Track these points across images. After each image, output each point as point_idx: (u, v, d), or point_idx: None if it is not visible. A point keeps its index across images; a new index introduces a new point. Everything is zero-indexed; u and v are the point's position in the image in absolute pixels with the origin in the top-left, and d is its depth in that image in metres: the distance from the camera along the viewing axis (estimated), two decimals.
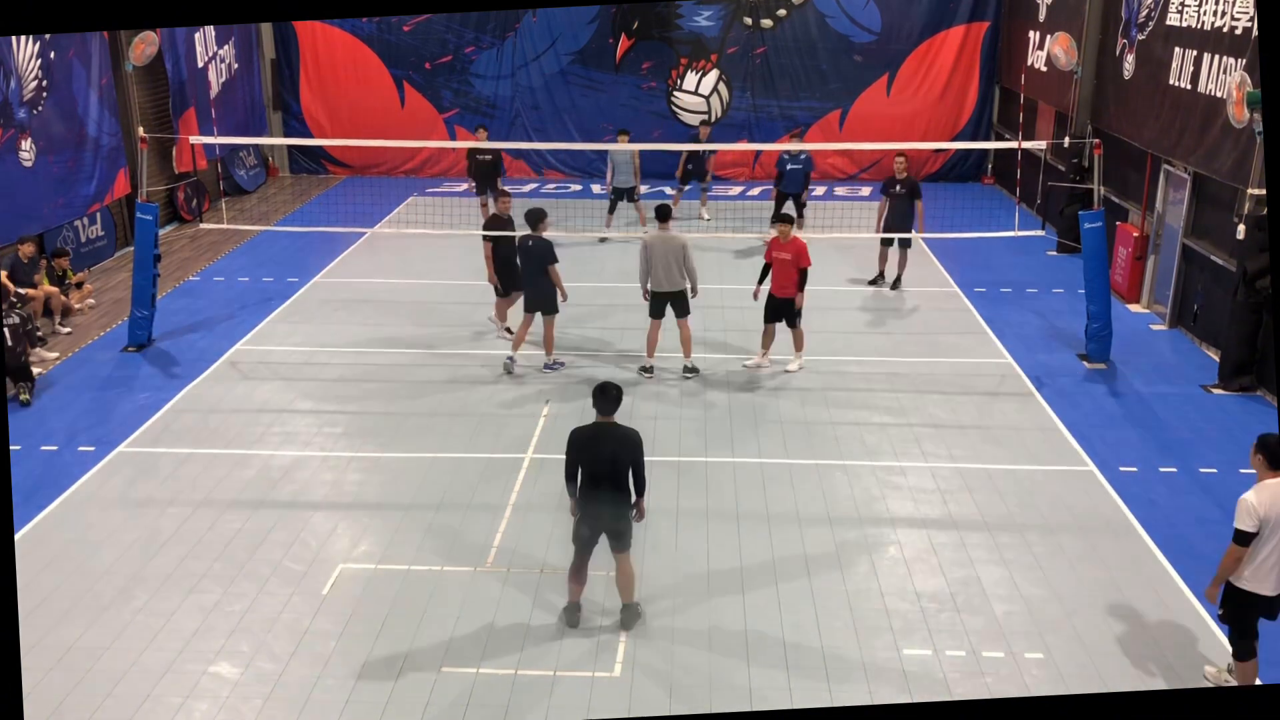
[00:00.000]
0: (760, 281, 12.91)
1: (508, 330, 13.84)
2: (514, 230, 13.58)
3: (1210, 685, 7.53)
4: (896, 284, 16.00)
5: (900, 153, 16.36)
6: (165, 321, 14.38)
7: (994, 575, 8.72)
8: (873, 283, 16.18)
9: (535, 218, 12.55)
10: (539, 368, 12.90)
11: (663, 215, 12.60)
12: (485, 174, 18.32)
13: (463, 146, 19.61)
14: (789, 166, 17.72)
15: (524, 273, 12.72)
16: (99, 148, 17.15)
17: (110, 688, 7.33)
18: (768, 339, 13.00)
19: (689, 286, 12.53)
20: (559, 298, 12.66)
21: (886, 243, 16.04)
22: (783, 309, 12.78)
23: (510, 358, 12.81)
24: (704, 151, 19.33)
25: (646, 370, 12.75)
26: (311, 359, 13.27)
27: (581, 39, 23.25)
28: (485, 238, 13.62)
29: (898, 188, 15.75)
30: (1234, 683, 7.39)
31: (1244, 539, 6.78)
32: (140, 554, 8.95)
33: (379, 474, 10.39)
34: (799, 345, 12.95)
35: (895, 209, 15.77)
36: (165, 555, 8.94)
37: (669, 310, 12.57)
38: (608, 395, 7.79)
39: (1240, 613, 7.04)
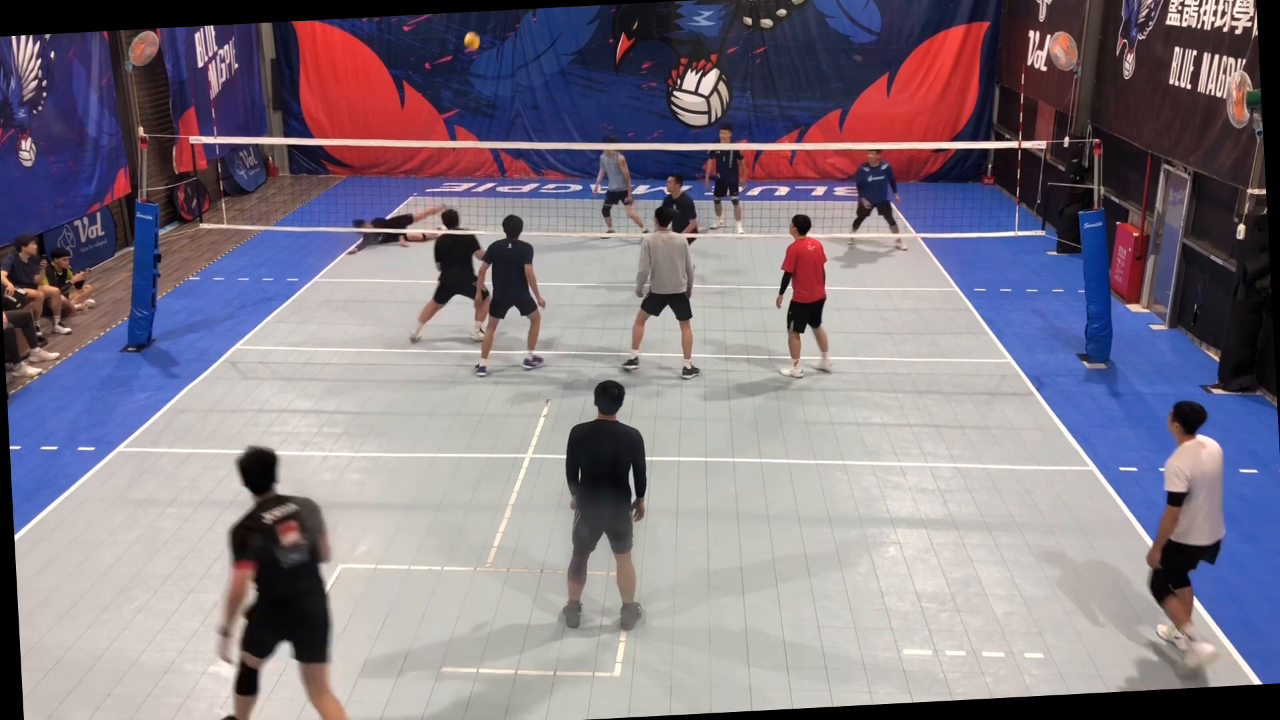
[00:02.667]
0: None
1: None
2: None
3: (1162, 638, 7.89)
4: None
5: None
6: (165, 321, 14.38)
7: (994, 575, 8.72)
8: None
9: (516, 226, 12.50)
10: (519, 364, 12.91)
11: (663, 218, 12.57)
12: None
13: (460, 147, 19.59)
14: (870, 178, 17.61)
15: (502, 277, 12.56)
16: (99, 148, 17.15)
17: (110, 688, 7.34)
18: (805, 343, 12.96)
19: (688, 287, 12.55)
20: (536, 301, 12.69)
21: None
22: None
23: (480, 366, 12.80)
24: (732, 158, 18.58)
25: (632, 363, 12.77)
26: (311, 359, 13.27)
27: (581, 39, 23.26)
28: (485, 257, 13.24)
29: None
30: (1186, 639, 7.56)
31: (1177, 499, 7.36)
32: (140, 554, 8.96)
33: (379, 474, 10.39)
34: (792, 353, 12.85)
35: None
36: (165, 555, 8.95)
37: (666, 311, 12.57)
38: (609, 394, 7.75)
39: (1178, 563, 7.55)
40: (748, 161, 23.51)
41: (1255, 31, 12.12)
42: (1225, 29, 12.86)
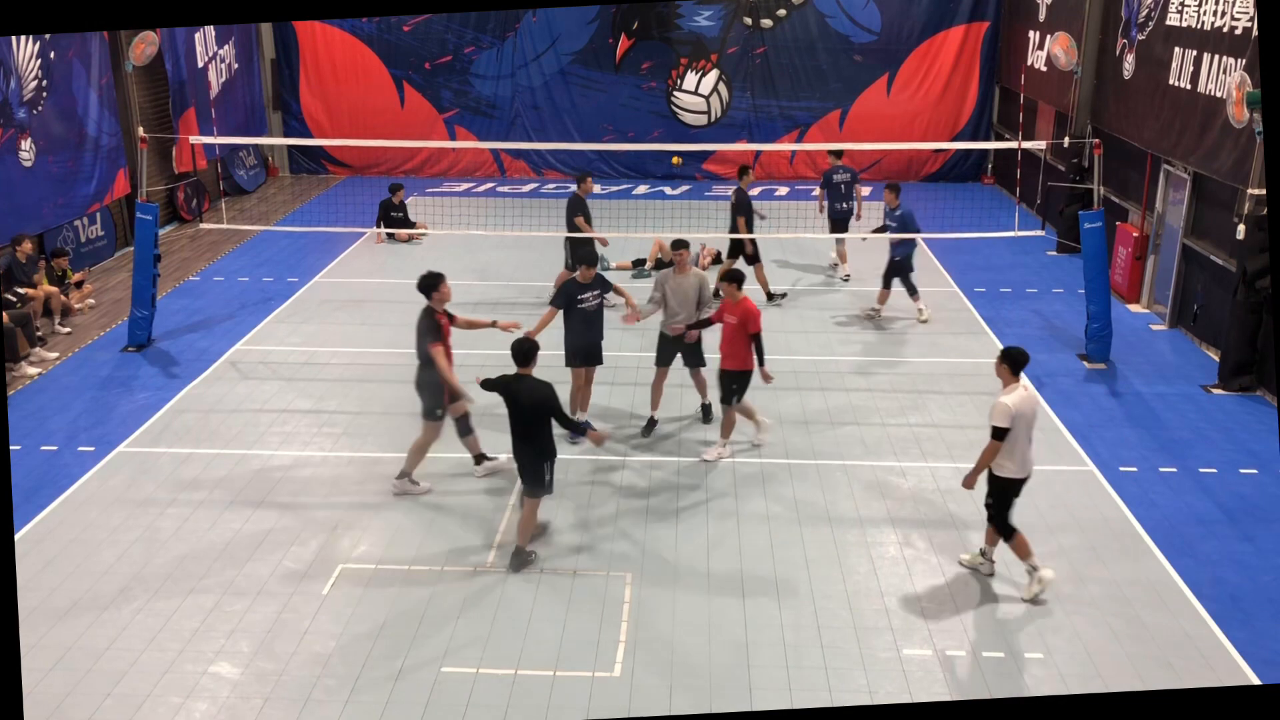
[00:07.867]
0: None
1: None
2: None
3: (964, 565, 8.77)
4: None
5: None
6: (165, 321, 14.38)
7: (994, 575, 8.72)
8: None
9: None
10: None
11: (678, 246, 11.02)
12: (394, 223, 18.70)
13: (460, 147, 19.60)
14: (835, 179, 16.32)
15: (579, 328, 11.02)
16: (99, 148, 17.15)
17: (110, 688, 7.33)
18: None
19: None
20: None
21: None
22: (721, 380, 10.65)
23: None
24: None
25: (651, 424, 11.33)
26: (311, 359, 13.27)
27: (581, 39, 23.26)
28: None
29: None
30: (989, 565, 8.60)
31: (1001, 434, 8.09)
32: (140, 554, 8.95)
33: (379, 474, 10.38)
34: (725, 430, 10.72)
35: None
36: (165, 555, 8.95)
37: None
38: (517, 350, 8.70)
39: (1004, 498, 8.33)
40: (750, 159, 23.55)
41: (1255, 31, 12.12)
42: (1225, 29, 12.86)
